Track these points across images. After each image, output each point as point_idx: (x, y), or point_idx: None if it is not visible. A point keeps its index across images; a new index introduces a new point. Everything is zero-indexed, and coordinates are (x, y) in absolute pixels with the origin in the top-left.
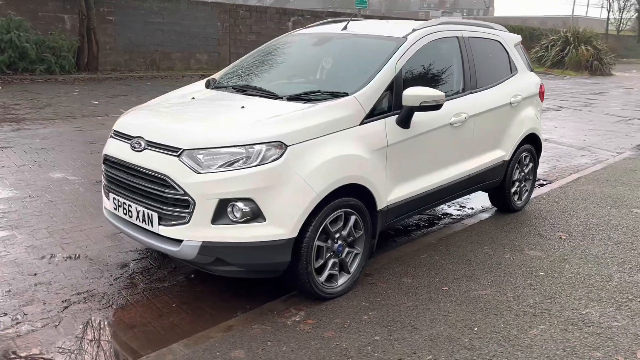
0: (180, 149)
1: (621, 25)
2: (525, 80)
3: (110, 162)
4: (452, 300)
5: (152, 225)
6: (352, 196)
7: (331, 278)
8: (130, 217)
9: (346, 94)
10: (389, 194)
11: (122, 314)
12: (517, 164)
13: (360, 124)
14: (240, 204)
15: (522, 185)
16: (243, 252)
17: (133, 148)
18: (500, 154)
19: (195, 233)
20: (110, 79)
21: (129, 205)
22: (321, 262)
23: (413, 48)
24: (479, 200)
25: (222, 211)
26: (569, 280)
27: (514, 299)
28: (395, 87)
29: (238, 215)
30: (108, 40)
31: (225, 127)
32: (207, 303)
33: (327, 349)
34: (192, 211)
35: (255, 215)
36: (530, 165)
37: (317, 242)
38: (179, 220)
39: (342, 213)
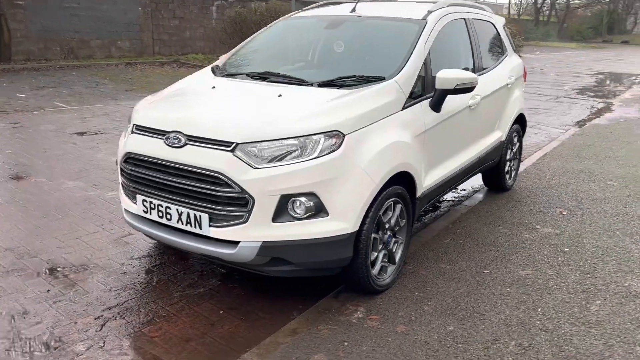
0: (232, 143)
1: (521, 9)
2: (515, 61)
3: (137, 161)
4: (500, 283)
5: (200, 228)
6: (398, 184)
7: (381, 270)
8: (169, 219)
9: (383, 79)
10: (425, 180)
11: (170, 326)
12: (509, 144)
13: (402, 109)
14: (303, 199)
15: (512, 164)
16: (306, 249)
17: (170, 144)
18: (499, 134)
19: (254, 233)
20: (27, 70)
21: (167, 207)
22: (375, 254)
23: (435, 29)
24: (467, 182)
25: (282, 208)
26: (594, 254)
27: (557, 276)
28: (426, 70)
29: (301, 211)
30: (19, 27)
31: (277, 117)
32: (255, 306)
33: (407, 344)
34: (251, 209)
35: (318, 210)
36: (517, 144)
37: (372, 235)
38: (234, 220)
39: (392, 203)
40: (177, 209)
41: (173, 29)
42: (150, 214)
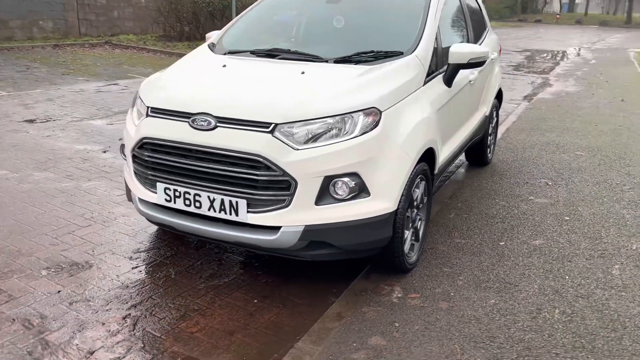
0: (271, 123)
1: None
2: (494, 37)
3: (156, 146)
4: (519, 253)
5: (237, 214)
6: (423, 161)
7: (409, 248)
8: (199, 207)
9: (401, 53)
10: (440, 156)
11: (208, 320)
12: (490, 118)
13: (423, 85)
14: (346, 180)
15: (491, 138)
16: (349, 232)
17: (198, 127)
18: (484, 109)
19: (296, 217)
20: None
21: (196, 195)
22: (406, 233)
23: (441, 2)
24: None
25: (325, 190)
26: (594, 221)
27: (569, 244)
28: (437, 44)
29: (343, 192)
30: None
31: (313, 96)
32: (288, 293)
33: (457, 320)
34: (293, 193)
35: (360, 190)
36: (495, 119)
37: (406, 213)
38: (275, 204)
39: (418, 179)
40: (208, 196)
41: (100, 8)
42: (175, 202)
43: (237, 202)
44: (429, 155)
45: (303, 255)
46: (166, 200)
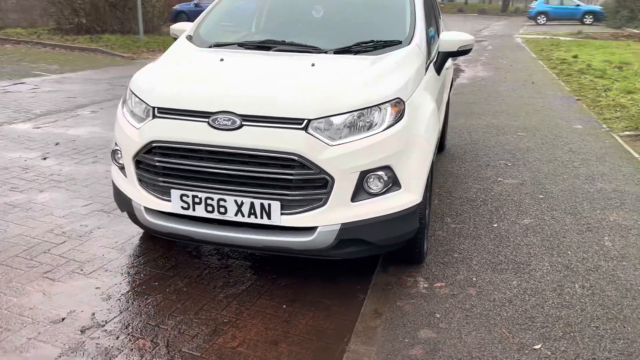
0: (304, 119)
1: None
2: (443, 26)
3: (170, 150)
4: (515, 234)
5: (269, 217)
6: None
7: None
8: (223, 213)
9: (400, 42)
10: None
11: (244, 333)
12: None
13: (425, 73)
14: (380, 173)
15: (445, 124)
16: (382, 227)
17: (220, 127)
18: (446, 97)
19: (333, 215)
20: None
21: (221, 200)
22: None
23: None
24: None
25: (359, 185)
26: (565, 197)
27: (556, 221)
28: (426, 33)
29: (376, 186)
30: None
31: (341, 88)
32: (314, 295)
33: (492, 305)
34: (330, 191)
35: (393, 183)
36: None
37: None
38: (310, 204)
39: None
40: (235, 200)
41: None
42: (194, 209)
43: (269, 205)
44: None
45: (333, 254)
46: (183, 208)
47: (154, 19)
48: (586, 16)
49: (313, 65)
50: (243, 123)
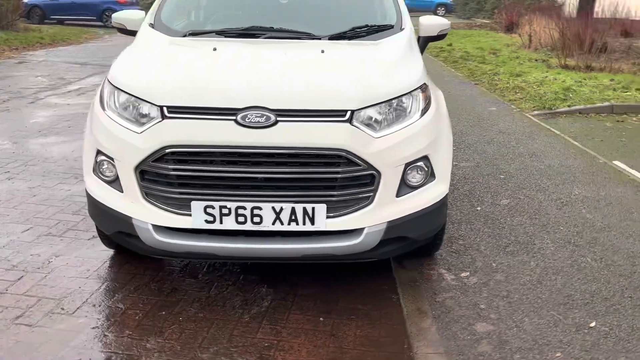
0: (347, 110)
1: None
2: None
3: (189, 155)
4: (502, 215)
5: (312, 223)
6: None
7: None
8: (258, 223)
9: (392, 27)
10: None
11: (296, 356)
12: None
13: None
14: (421, 164)
15: None
16: (422, 220)
17: (250, 124)
18: None
19: (380, 214)
20: None
21: (255, 208)
22: None
23: None
24: None
25: (402, 178)
26: (524, 175)
27: (530, 199)
28: None
29: (415, 179)
30: None
31: (373, 76)
32: (344, 302)
33: (525, 289)
34: (377, 187)
35: (431, 175)
36: None
37: None
38: (357, 204)
39: None
40: (272, 207)
41: None
42: (221, 222)
43: (313, 209)
44: None
45: (373, 255)
46: (207, 222)
47: (7, 14)
48: (439, 8)
49: (323, 52)
50: (278, 119)
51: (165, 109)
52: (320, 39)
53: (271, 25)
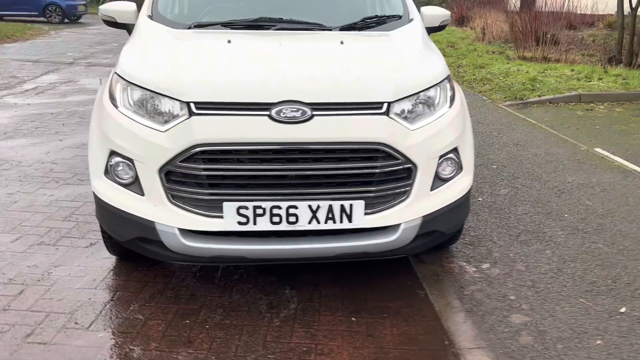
0: (383, 102)
1: None
2: None
3: (220, 153)
4: (506, 205)
5: (350, 220)
6: None
7: None
8: (293, 222)
9: (400, 17)
10: None
11: (337, 359)
12: None
13: None
14: (452, 156)
15: None
16: (453, 213)
17: (285, 119)
18: None
19: (415, 209)
20: None
21: (291, 207)
22: None
23: None
24: None
25: (436, 171)
26: (520, 163)
27: (528, 188)
28: None
29: (448, 171)
30: None
31: (404, 67)
32: (373, 300)
33: (548, 278)
34: (413, 182)
35: (459, 167)
36: None
37: None
38: (394, 199)
39: None
40: (309, 206)
41: None
42: (255, 223)
43: (351, 205)
44: None
45: (403, 251)
46: (240, 223)
47: None
48: None
49: (342, 43)
50: (314, 113)
51: (193, 105)
52: (331, 29)
53: (279, 17)
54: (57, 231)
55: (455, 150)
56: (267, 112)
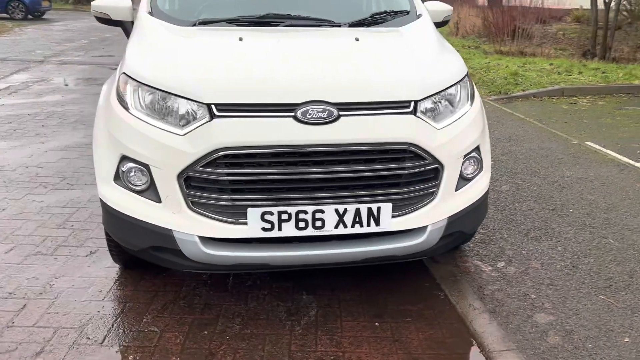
0: (410, 101)
1: None
2: None
3: (244, 157)
4: (507, 202)
5: (377, 224)
6: None
7: None
8: (319, 227)
9: (407, 12)
10: None
11: None
12: None
13: None
14: (474, 155)
15: None
16: (474, 213)
17: (311, 120)
18: None
19: (441, 210)
20: None
21: (317, 212)
22: None
23: None
24: None
25: (460, 171)
26: (516, 158)
27: (529, 184)
28: None
29: (470, 170)
30: None
31: (425, 65)
32: (393, 304)
33: (566, 274)
34: (440, 182)
35: (481, 165)
36: None
37: None
38: (421, 200)
39: None
40: (336, 209)
41: None
42: (280, 229)
43: (379, 208)
44: None
45: (429, 253)
46: (264, 229)
47: None
48: None
49: (357, 40)
50: (340, 113)
51: (214, 107)
52: (340, 26)
53: (287, 13)
54: (53, 240)
55: (477, 148)
56: (292, 114)
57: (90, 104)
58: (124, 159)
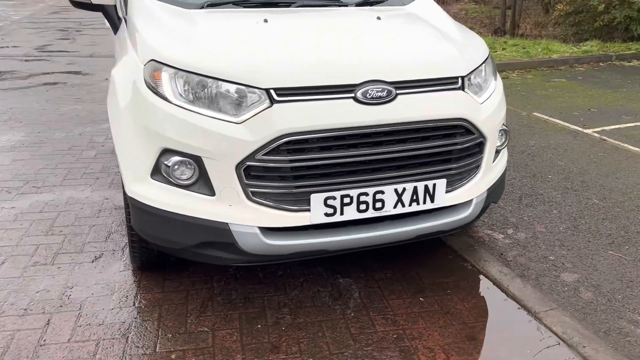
0: (458, 77)
1: None
2: None
3: (307, 142)
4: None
5: (432, 200)
6: None
7: None
8: (379, 208)
9: None
10: None
11: (431, 342)
12: None
13: None
14: (504, 128)
15: None
16: (500, 184)
17: (370, 100)
18: None
19: (483, 182)
20: None
21: (377, 192)
22: None
23: None
24: None
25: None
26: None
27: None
28: None
29: (500, 142)
30: None
31: (459, 41)
32: (428, 278)
33: (569, 235)
34: (483, 155)
35: (507, 136)
36: None
37: None
38: (469, 175)
39: None
40: (395, 189)
41: None
42: (342, 213)
43: (434, 185)
44: None
45: (468, 226)
46: (327, 215)
47: None
48: None
49: (379, 19)
50: (397, 92)
51: (273, 92)
52: (347, 5)
53: None
54: (46, 248)
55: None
56: (352, 94)
57: (16, 100)
58: (166, 152)
